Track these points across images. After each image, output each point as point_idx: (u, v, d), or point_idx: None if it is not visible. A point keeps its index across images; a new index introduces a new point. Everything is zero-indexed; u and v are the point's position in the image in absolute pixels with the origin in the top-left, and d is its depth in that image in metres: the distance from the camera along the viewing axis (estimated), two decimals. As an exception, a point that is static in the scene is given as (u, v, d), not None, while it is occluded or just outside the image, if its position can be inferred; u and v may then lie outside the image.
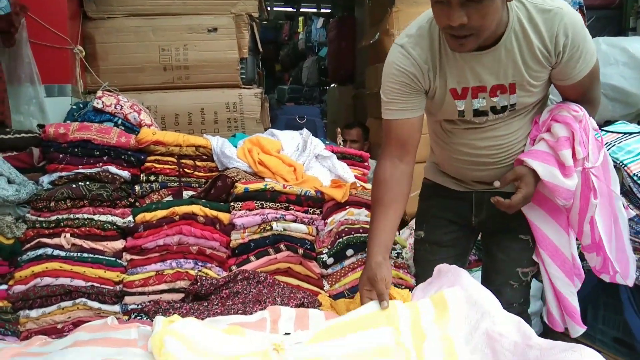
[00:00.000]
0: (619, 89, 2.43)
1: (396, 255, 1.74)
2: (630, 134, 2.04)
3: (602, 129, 2.13)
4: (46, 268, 1.57)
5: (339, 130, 3.38)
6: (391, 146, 1.49)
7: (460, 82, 1.44)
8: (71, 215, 1.63)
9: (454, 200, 1.70)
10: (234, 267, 1.66)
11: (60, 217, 1.63)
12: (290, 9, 8.68)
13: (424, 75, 1.44)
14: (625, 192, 1.95)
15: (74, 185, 1.68)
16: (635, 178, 1.88)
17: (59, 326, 1.57)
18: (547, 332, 2.37)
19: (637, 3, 3.25)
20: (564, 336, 2.27)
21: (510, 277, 1.66)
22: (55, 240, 1.61)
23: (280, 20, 9.82)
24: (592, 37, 2.74)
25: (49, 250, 1.60)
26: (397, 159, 1.48)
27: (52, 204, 1.64)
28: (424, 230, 1.79)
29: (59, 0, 2.39)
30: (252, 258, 1.67)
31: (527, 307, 1.77)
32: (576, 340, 2.16)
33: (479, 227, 1.74)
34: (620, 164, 1.94)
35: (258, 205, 1.72)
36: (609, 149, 2.00)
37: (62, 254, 1.60)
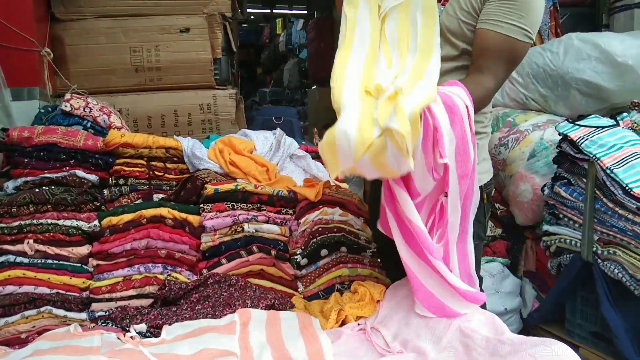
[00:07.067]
0: (592, 84, 2.44)
1: (371, 254, 1.71)
2: (603, 127, 2.04)
3: (575, 123, 2.13)
4: (9, 276, 1.51)
5: (315, 130, 3.36)
6: None
7: None
8: (34, 221, 1.58)
9: None
10: (204, 271, 1.63)
11: (22, 222, 1.57)
12: (266, 11, 8.65)
13: None
14: (599, 185, 1.95)
15: (36, 190, 1.63)
16: (608, 171, 1.88)
17: (23, 336, 1.51)
18: (527, 329, 2.37)
19: (609, 0, 3.28)
20: (544, 332, 2.27)
21: None
22: (18, 247, 1.56)
23: (260, 23, 9.80)
24: (566, 34, 2.74)
25: (11, 257, 1.55)
26: None
27: (13, 209, 1.58)
28: None
29: (24, 2, 2.32)
30: (223, 261, 1.63)
31: None
32: (554, 335, 2.16)
33: None
34: (593, 157, 1.94)
35: (229, 207, 1.69)
36: (582, 143, 1.99)
37: (26, 260, 1.55)
